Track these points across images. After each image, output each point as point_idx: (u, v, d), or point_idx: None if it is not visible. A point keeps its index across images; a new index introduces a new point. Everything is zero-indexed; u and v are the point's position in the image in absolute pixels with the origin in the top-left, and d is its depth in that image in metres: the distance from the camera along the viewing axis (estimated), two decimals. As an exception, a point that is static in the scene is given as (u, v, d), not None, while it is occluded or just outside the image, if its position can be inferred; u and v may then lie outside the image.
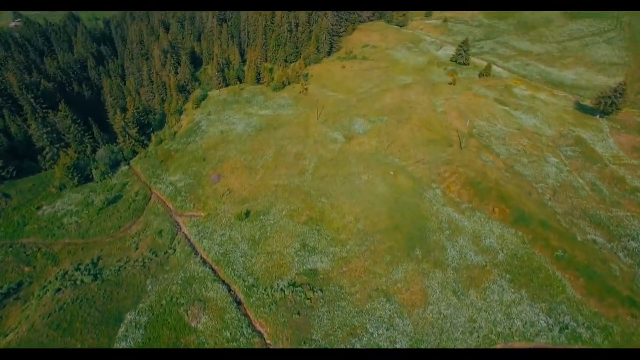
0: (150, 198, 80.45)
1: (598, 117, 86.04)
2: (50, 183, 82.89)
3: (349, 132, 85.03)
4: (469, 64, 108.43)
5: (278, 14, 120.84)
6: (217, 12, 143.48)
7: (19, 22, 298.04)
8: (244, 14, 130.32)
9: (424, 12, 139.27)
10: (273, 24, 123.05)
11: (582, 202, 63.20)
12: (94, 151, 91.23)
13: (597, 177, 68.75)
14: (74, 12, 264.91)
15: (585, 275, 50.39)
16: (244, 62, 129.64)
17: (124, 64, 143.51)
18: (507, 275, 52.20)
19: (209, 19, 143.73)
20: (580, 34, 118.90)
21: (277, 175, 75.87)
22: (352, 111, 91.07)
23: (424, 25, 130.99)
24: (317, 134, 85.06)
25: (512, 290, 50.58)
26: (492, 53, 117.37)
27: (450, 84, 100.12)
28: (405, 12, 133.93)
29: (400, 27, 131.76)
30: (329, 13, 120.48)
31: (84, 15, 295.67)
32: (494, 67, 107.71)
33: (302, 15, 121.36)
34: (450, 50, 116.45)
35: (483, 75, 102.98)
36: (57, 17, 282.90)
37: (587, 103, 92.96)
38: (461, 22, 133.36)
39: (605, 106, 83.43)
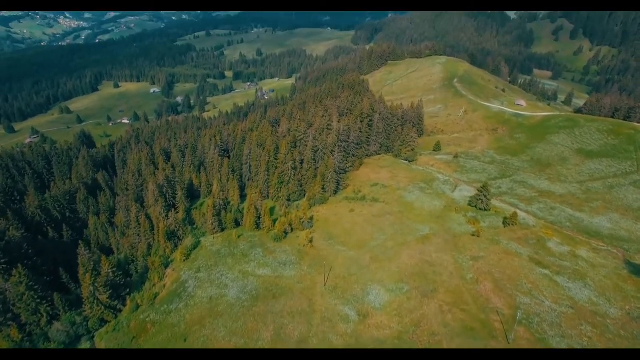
0: (107, 400, 61.64)
1: (661, 286, 71.80)
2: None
3: (362, 305, 70.04)
4: (489, 209, 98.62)
5: (282, 150, 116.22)
6: (219, 142, 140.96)
7: (35, 137, 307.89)
8: (246, 149, 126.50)
9: (432, 147, 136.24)
10: (276, 159, 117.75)
11: None
12: (52, 320, 74.86)
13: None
14: (85, 130, 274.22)
15: None
16: (243, 197, 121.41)
17: (117, 194, 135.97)
18: None
19: (210, 149, 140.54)
20: (600, 174, 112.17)
21: (274, 376, 58.34)
22: (365, 274, 77.38)
23: (434, 161, 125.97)
24: (325, 308, 69.89)
25: None
26: (511, 193, 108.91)
27: (474, 235, 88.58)
28: (413, 147, 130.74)
29: (409, 162, 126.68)
30: (335, 150, 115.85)
31: (94, 131, 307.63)
32: (517, 211, 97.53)
33: (307, 152, 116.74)
34: (466, 191, 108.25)
35: (508, 224, 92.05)
36: (71, 133, 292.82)
37: (638, 261, 79.98)
38: (472, 157, 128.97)
39: (669, 276, 69.99)
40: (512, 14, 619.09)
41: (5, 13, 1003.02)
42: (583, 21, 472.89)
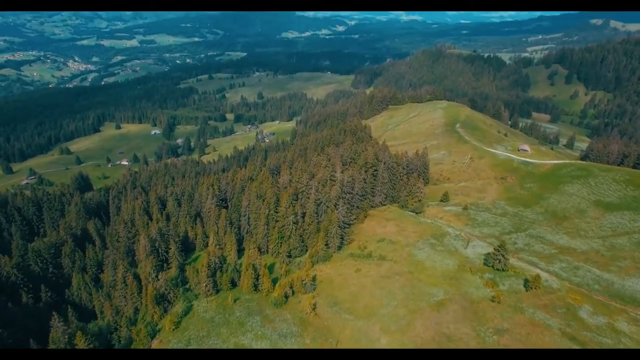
0: None
1: None
2: None
3: (375, 392, 60.36)
4: (507, 269, 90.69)
5: (283, 202, 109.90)
6: (216, 191, 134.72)
7: (32, 178, 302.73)
8: (245, 200, 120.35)
9: (439, 197, 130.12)
10: (277, 212, 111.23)
11: None
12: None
13: None
14: (83, 172, 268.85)
15: None
16: (241, 251, 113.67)
17: (107, 247, 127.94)
18: None
19: (208, 198, 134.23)
20: (624, 229, 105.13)
21: None
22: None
23: (442, 212, 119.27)
24: (331, 397, 60.13)
25: None
26: (528, 250, 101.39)
27: (493, 300, 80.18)
28: (420, 197, 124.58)
29: (417, 213, 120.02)
30: (339, 203, 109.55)
31: (93, 173, 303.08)
32: (539, 272, 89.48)
33: (310, 204, 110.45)
34: (480, 247, 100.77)
35: (531, 287, 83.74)
36: (69, 174, 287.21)
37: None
38: (482, 209, 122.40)
39: None
40: (507, 59, 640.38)
41: (17, 57, 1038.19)
42: (576, 66, 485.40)
